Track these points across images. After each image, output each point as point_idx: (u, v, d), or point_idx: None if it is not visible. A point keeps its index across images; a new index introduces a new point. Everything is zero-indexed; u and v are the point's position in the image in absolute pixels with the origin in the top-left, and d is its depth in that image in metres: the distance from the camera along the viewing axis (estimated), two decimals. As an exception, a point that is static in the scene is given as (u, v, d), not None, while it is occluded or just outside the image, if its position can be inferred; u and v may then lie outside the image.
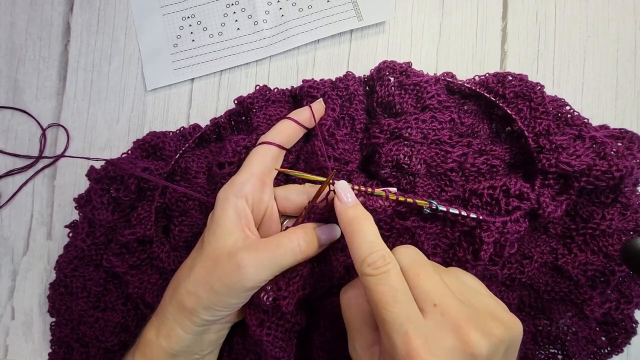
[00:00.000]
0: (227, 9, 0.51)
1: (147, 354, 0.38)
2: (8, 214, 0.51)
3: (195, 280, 0.37)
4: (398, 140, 0.43)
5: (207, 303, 0.36)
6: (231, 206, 0.38)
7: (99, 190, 0.45)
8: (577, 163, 0.40)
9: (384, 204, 0.38)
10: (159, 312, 0.39)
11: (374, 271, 0.31)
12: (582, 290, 0.43)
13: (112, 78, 0.52)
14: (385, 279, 0.31)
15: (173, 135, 0.49)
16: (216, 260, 0.37)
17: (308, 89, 0.45)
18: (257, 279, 0.36)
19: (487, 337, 0.30)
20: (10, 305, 0.50)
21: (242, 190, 0.39)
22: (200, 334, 0.38)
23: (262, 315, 0.38)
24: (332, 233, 0.39)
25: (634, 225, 0.44)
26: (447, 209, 0.39)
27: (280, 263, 0.36)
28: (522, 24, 0.50)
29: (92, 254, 0.46)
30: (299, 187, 0.42)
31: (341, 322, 0.42)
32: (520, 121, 0.43)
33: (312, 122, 0.43)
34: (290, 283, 0.38)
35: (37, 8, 0.52)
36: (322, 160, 0.42)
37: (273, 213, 0.41)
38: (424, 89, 0.44)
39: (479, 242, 0.39)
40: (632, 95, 0.49)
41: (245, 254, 0.36)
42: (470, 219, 0.39)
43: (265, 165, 0.41)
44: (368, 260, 0.31)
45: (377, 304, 0.30)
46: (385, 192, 0.38)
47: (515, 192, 0.40)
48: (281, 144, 0.42)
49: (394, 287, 0.30)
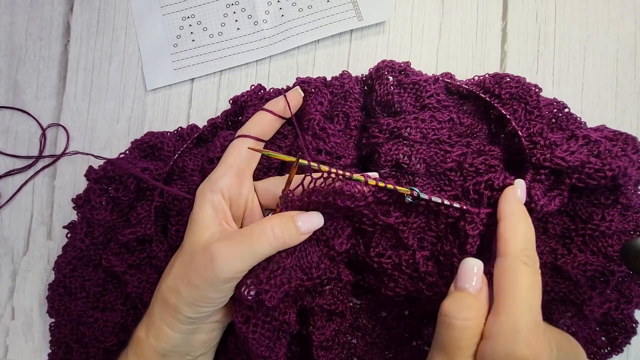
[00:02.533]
0: (227, 9, 0.52)
1: (138, 352, 0.38)
2: (8, 214, 0.51)
3: (174, 276, 0.37)
4: (397, 139, 0.43)
5: (188, 299, 0.36)
6: (207, 201, 0.38)
7: (98, 191, 0.45)
8: (571, 159, 0.40)
9: (362, 190, 0.37)
10: (148, 311, 0.39)
11: (532, 263, 0.33)
12: (582, 291, 0.43)
13: (112, 78, 0.52)
14: (536, 273, 0.33)
15: (171, 135, 0.49)
16: (193, 255, 0.37)
17: (300, 85, 0.46)
18: (231, 269, 0.35)
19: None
20: (10, 305, 0.50)
21: (217, 184, 0.39)
22: (190, 334, 0.38)
23: (248, 312, 0.37)
24: (314, 221, 0.38)
25: (634, 225, 0.44)
26: (429, 197, 0.38)
27: (254, 252, 0.35)
28: (522, 24, 0.50)
29: (91, 254, 0.46)
30: (279, 178, 0.41)
31: (339, 321, 0.42)
32: (515, 122, 0.43)
33: (287, 112, 0.43)
34: (271, 276, 0.36)
35: (37, 8, 0.52)
36: (300, 147, 0.41)
37: (254, 207, 0.41)
38: (423, 88, 0.44)
39: (464, 235, 0.38)
40: (632, 95, 0.49)
41: (218, 245, 0.35)
42: (453, 209, 0.38)
43: (242, 158, 0.41)
44: (528, 251, 0.33)
45: (521, 288, 0.31)
46: (365, 177, 0.37)
47: (498, 185, 0.40)
48: (258, 136, 0.42)
49: (539, 286, 0.32)
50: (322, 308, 0.41)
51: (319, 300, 0.41)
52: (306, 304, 0.41)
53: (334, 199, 0.36)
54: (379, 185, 0.37)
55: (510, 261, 0.33)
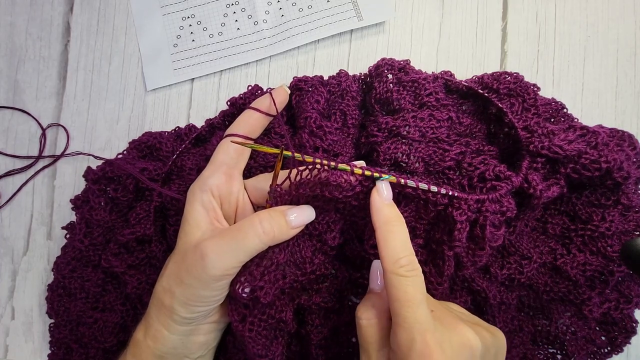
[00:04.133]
0: (227, 9, 0.52)
1: (136, 355, 0.38)
2: (8, 214, 0.51)
3: (168, 277, 0.37)
4: (396, 138, 0.43)
5: (182, 298, 0.36)
6: (197, 201, 0.38)
7: (97, 191, 0.46)
8: (569, 148, 0.40)
9: (349, 179, 0.36)
10: (146, 313, 0.39)
11: (407, 273, 0.33)
12: (581, 291, 0.43)
13: (112, 78, 0.52)
14: (414, 282, 0.33)
15: (169, 135, 0.49)
16: (185, 254, 0.37)
17: (297, 83, 0.46)
18: (221, 266, 0.35)
19: (479, 337, 0.33)
20: (10, 305, 0.50)
21: (206, 183, 0.39)
22: (187, 335, 0.38)
23: (244, 310, 0.37)
24: (305, 215, 0.37)
25: (634, 225, 0.44)
26: (416, 184, 0.37)
27: (243, 247, 0.35)
28: (522, 24, 0.50)
29: (90, 254, 0.46)
30: (267, 175, 0.42)
31: (336, 319, 0.42)
32: (512, 115, 0.43)
33: (274, 109, 0.43)
34: (265, 272, 0.36)
35: (37, 8, 0.52)
36: (283, 142, 0.42)
37: (246, 204, 0.41)
38: (422, 86, 0.44)
39: (452, 221, 0.38)
40: (632, 95, 0.49)
41: (207, 242, 0.35)
42: (441, 195, 0.38)
43: (230, 157, 0.41)
44: (402, 262, 0.33)
45: (403, 303, 0.32)
46: (350, 166, 0.36)
47: (489, 175, 0.40)
48: (246, 134, 0.42)
49: (421, 292, 0.33)
50: (320, 306, 0.41)
51: (316, 298, 0.41)
52: (303, 302, 0.41)
53: (322, 191, 0.36)
54: (366, 174, 0.36)
55: (387, 277, 0.33)
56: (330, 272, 0.41)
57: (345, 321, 0.43)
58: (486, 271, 0.43)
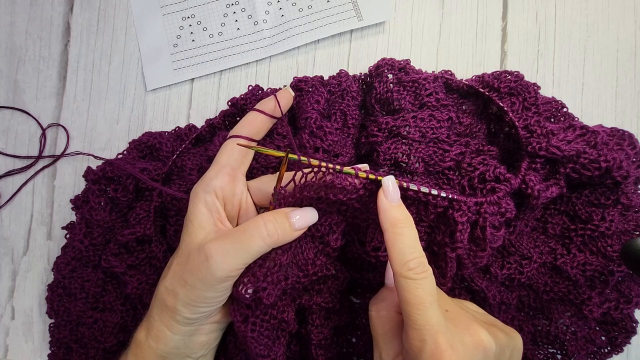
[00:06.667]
0: (227, 9, 0.52)
1: (138, 355, 0.38)
2: (8, 214, 0.51)
3: (171, 278, 0.37)
4: (396, 138, 0.43)
5: (185, 299, 0.36)
6: (201, 202, 0.38)
7: (97, 191, 0.46)
8: (567, 148, 0.40)
9: (353, 182, 0.36)
10: (147, 313, 0.39)
11: (416, 275, 0.33)
12: (581, 291, 0.43)
13: (112, 78, 0.52)
14: (424, 284, 0.33)
15: (169, 135, 0.49)
16: (188, 255, 0.37)
17: (297, 83, 0.46)
18: (225, 267, 0.35)
19: (494, 337, 0.33)
20: (10, 305, 0.50)
21: (210, 185, 0.39)
22: (189, 335, 0.38)
23: (247, 311, 0.37)
24: (308, 217, 0.37)
25: (634, 225, 0.44)
26: (418, 188, 0.37)
27: (247, 249, 0.35)
28: (522, 24, 0.50)
29: (90, 254, 0.46)
30: (271, 176, 0.41)
31: (337, 319, 0.42)
32: (512, 114, 0.43)
33: (278, 111, 0.43)
34: (268, 273, 0.36)
35: (37, 8, 0.52)
36: (288, 145, 0.42)
37: (249, 206, 0.41)
38: (422, 86, 0.44)
39: (453, 223, 0.38)
40: (632, 95, 0.49)
41: (212, 244, 0.35)
42: (441, 198, 0.38)
43: (234, 158, 0.41)
44: (410, 264, 0.33)
45: (413, 306, 0.32)
46: (355, 169, 0.36)
47: (490, 176, 0.40)
48: (249, 135, 0.42)
49: (431, 293, 0.32)
50: (320, 306, 0.41)
51: (317, 298, 0.41)
52: (304, 302, 0.41)
53: (326, 193, 0.36)
54: (370, 177, 0.36)
55: (397, 279, 0.33)
56: (332, 273, 0.41)
57: (345, 321, 0.43)
58: (486, 271, 0.43)
